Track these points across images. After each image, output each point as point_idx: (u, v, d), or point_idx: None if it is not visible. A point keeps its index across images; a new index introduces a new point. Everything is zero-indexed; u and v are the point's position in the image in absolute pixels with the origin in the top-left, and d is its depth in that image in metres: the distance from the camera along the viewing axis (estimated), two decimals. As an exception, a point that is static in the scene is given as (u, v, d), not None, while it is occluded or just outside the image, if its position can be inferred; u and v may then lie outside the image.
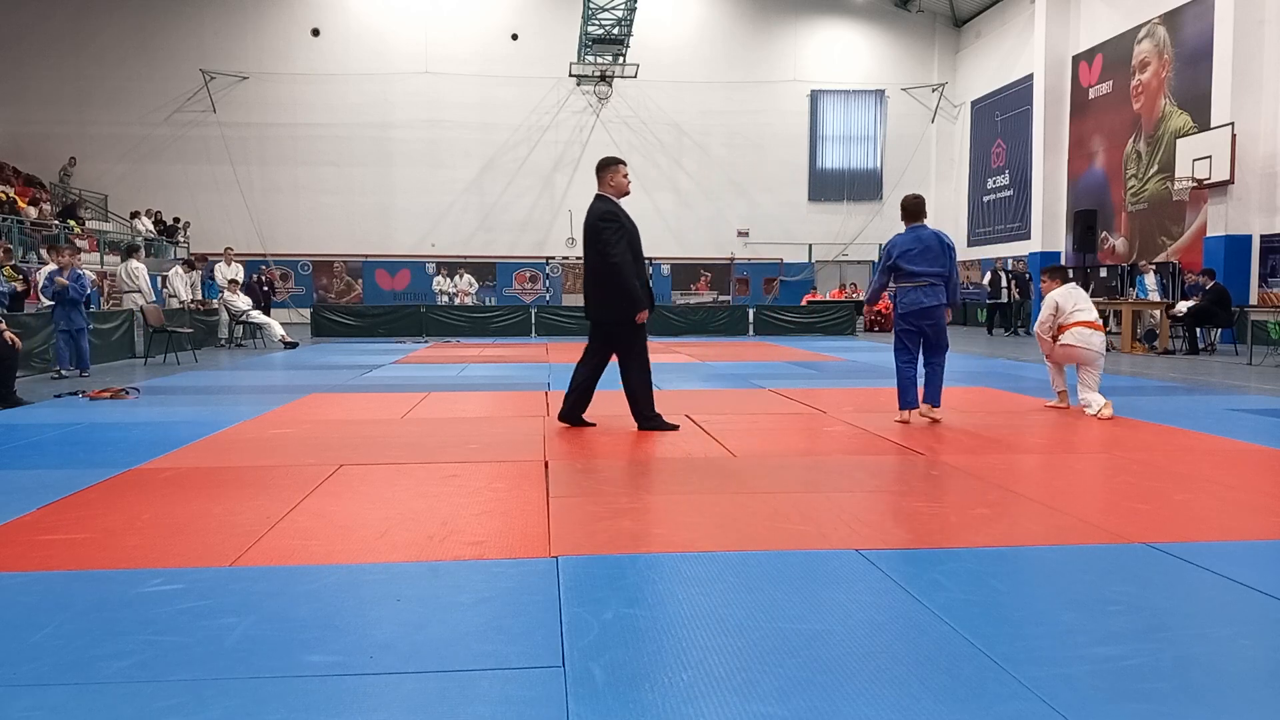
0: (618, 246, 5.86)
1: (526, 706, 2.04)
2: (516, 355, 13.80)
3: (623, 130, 27.41)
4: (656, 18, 26.47)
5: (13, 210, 18.24)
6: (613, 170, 6.07)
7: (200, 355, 13.82)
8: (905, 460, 5.04)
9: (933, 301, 6.19)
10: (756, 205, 27.75)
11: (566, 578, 2.95)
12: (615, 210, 5.97)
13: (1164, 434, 5.94)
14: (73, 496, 4.11)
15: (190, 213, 25.34)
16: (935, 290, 6.19)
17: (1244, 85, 15.84)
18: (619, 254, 5.85)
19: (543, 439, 5.76)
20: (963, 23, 28.06)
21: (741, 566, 3.10)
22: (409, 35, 26.46)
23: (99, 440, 5.80)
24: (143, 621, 2.56)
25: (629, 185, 6.14)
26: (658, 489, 4.35)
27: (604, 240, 5.89)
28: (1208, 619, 2.61)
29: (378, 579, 2.97)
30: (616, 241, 5.87)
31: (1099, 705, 2.04)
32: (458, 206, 27.01)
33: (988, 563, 3.13)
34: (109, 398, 7.99)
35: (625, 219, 5.97)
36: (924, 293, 6.18)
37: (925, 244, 6.21)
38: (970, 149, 27.65)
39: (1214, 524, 3.67)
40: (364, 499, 4.11)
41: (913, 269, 6.19)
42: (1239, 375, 10.27)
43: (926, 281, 6.18)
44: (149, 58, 25.68)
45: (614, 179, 6.06)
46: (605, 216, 5.93)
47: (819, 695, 2.10)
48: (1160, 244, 18.99)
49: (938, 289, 6.20)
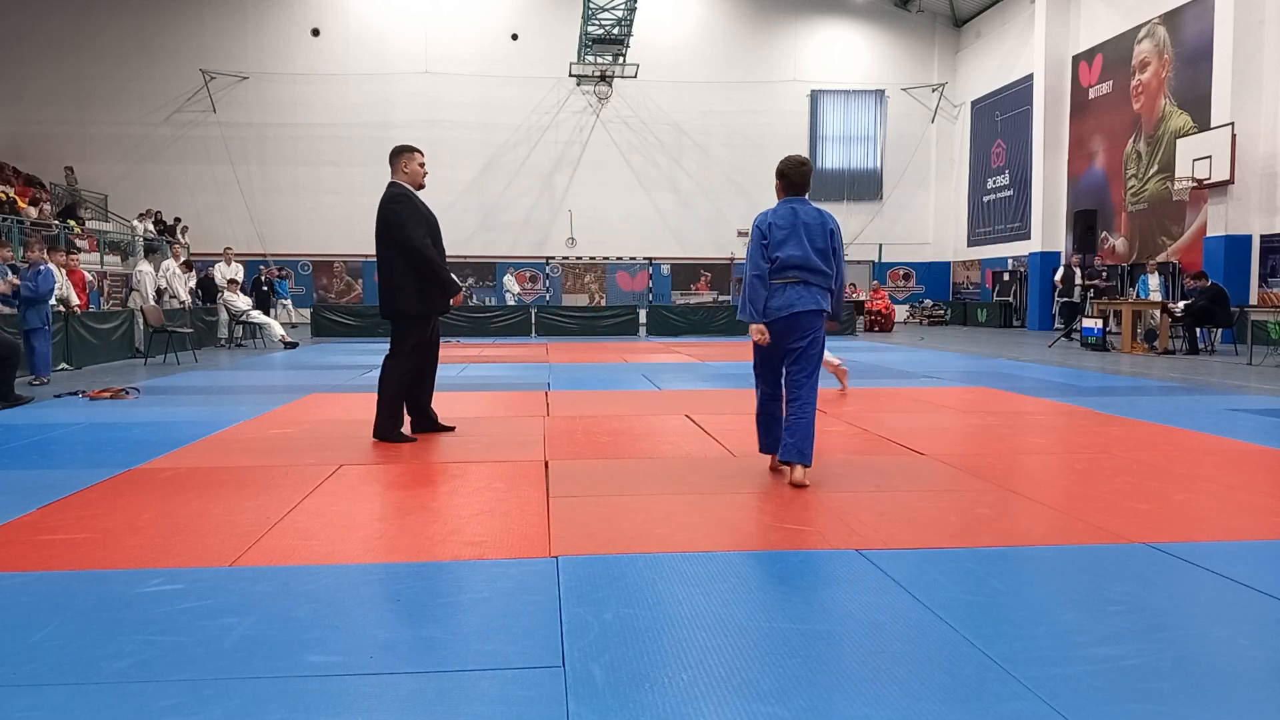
0: (416, 230, 5.43)
1: (526, 706, 2.04)
2: (516, 355, 13.80)
3: (623, 130, 27.42)
4: (656, 18, 26.48)
5: (13, 210, 18.24)
6: (407, 157, 5.65)
7: (200, 355, 13.82)
8: (905, 460, 5.04)
9: (808, 305, 4.31)
10: (756, 205, 27.67)
11: (566, 578, 2.95)
12: (405, 191, 5.56)
13: (1164, 434, 5.94)
14: (73, 496, 4.11)
15: (190, 213, 25.34)
16: (813, 293, 4.34)
17: (1244, 85, 15.85)
18: (416, 235, 5.42)
19: (543, 439, 5.76)
20: (963, 23, 28.07)
21: (741, 566, 3.10)
22: (409, 35, 26.47)
23: (99, 440, 5.80)
24: (143, 621, 2.56)
25: (424, 175, 5.71)
26: (658, 489, 4.35)
27: (397, 223, 5.44)
28: (1208, 619, 2.61)
29: (378, 579, 2.97)
30: (414, 226, 5.44)
31: (1099, 705, 2.04)
32: (458, 206, 26.99)
33: (988, 563, 3.13)
34: (109, 398, 7.99)
35: (419, 202, 5.60)
36: (797, 292, 4.32)
37: (804, 225, 4.37)
38: (970, 149, 27.66)
39: (1214, 524, 3.67)
40: (364, 499, 4.11)
41: (784, 255, 4.33)
42: (1239, 375, 10.27)
43: (800, 278, 4.32)
44: (149, 58, 25.69)
45: (408, 166, 5.64)
46: (394, 197, 5.51)
47: (819, 695, 2.09)
48: (1160, 244, 19.00)
49: (815, 291, 4.34)
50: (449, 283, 5.61)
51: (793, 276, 4.32)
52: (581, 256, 27.80)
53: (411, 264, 5.50)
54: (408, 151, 5.70)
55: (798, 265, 4.31)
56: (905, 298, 28.66)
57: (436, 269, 5.52)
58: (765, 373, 4.54)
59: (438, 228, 5.70)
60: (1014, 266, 24.99)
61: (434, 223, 5.66)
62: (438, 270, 5.53)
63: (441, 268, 5.57)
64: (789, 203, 4.46)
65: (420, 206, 5.59)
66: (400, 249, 5.49)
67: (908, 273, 29.18)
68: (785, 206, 4.45)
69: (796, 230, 4.35)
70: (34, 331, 9.50)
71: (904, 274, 29.14)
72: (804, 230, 4.35)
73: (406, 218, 5.48)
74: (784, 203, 4.48)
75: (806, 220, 4.38)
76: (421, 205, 5.62)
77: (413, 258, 5.49)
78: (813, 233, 4.36)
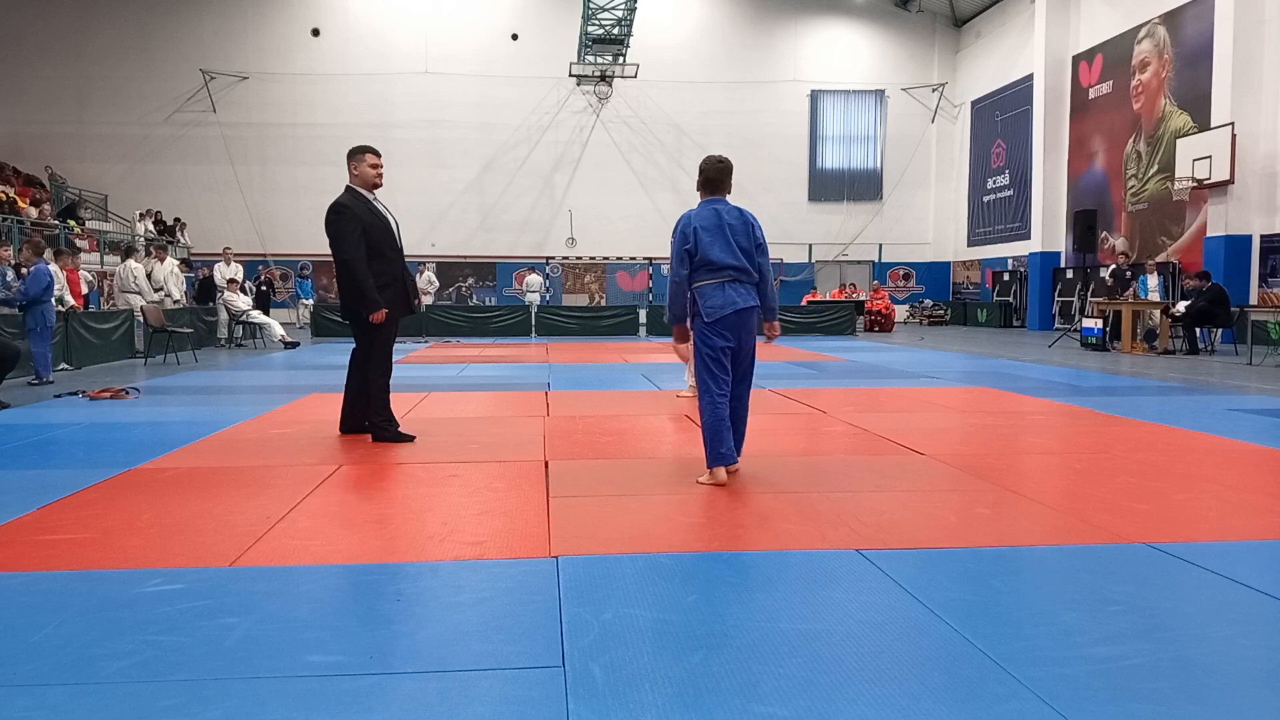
0: (349, 240, 5.49)
1: (526, 706, 2.04)
2: (516, 355, 13.80)
3: (623, 130, 27.42)
4: (656, 18, 26.47)
5: (13, 210, 18.24)
6: (359, 159, 5.65)
7: (200, 355, 13.82)
8: (905, 460, 5.04)
9: (749, 302, 4.44)
10: (756, 205, 27.48)
11: (566, 578, 2.95)
12: (345, 201, 5.58)
13: (1164, 434, 5.94)
14: (73, 496, 4.11)
15: (190, 213, 25.34)
16: (750, 290, 4.46)
17: (1244, 85, 15.84)
18: (349, 249, 5.48)
19: (543, 439, 5.76)
20: (963, 23, 28.07)
21: (741, 566, 3.10)
22: (409, 35, 26.47)
23: (99, 440, 5.80)
24: (143, 621, 2.56)
25: (377, 176, 5.68)
26: (657, 489, 4.34)
27: (334, 236, 5.54)
28: (1208, 619, 2.61)
29: (378, 579, 2.97)
30: (348, 235, 5.49)
31: (1099, 705, 2.04)
32: (458, 206, 27.02)
33: (988, 563, 3.13)
34: (109, 398, 7.99)
35: (362, 210, 5.58)
36: (736, 290, 4.42)
37: (729, 225, 4.44)
38: (970, 149, 27.66)
39: (1214, 524, 3.67)
40: (364, 499, 4.12)
41: (712, 258, 4.40)
42: (1239, 375, 10.27)
43: (732, 278, 4.42)
44: (149, 58, 25.69)
45: (359, 168, 5.64)
46: (334, 209, 5.56)
47: (819, 695, 2.09)
48: (1160, 244, 19.00)
49: (749, 289, 4.46)
50: (370, 300, 5.54)
51: (728, 275, 4.41)
52: (581, 256, 27.80)
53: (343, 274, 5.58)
54: (360, 153, 5.69)
55: (726, 266, 4.40)
56: (905, 298, 28.66)
57: (357, 283, 5.51)
58: (720, 373, 4.46)
59: (388, 229, 5.68)
60: (1014, 266, 24.99)
61: (383, 226, 5.64)
62: (360, 286, 5.51)
63: (362, 282, 5.50)
64: (711, 204, 4.52)
65: (362, 214, 5.57)
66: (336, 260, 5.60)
67: (908, 273, 29.18)
68: (708, 208, 4.50)
69: (722, 231, 4.42)
70: (30, 333, 9.55)
71: (904, 274, 29.15)
72: (729, 230, 4.42)
73: (343, 228, 5.52)
74: (706, 203, 4.53)
75: (730, 221, 4.44)
76: (366, 211, 5.60)
77: (340, 270, 5.57)
78: (736, 233, 4.44)
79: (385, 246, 5.63)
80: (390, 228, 5.71)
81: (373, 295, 5.51)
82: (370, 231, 5.55)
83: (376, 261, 5.56)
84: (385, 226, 5.66)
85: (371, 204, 5.67)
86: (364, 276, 5.49)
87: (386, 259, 5.62)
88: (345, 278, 5.58)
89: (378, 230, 5.60)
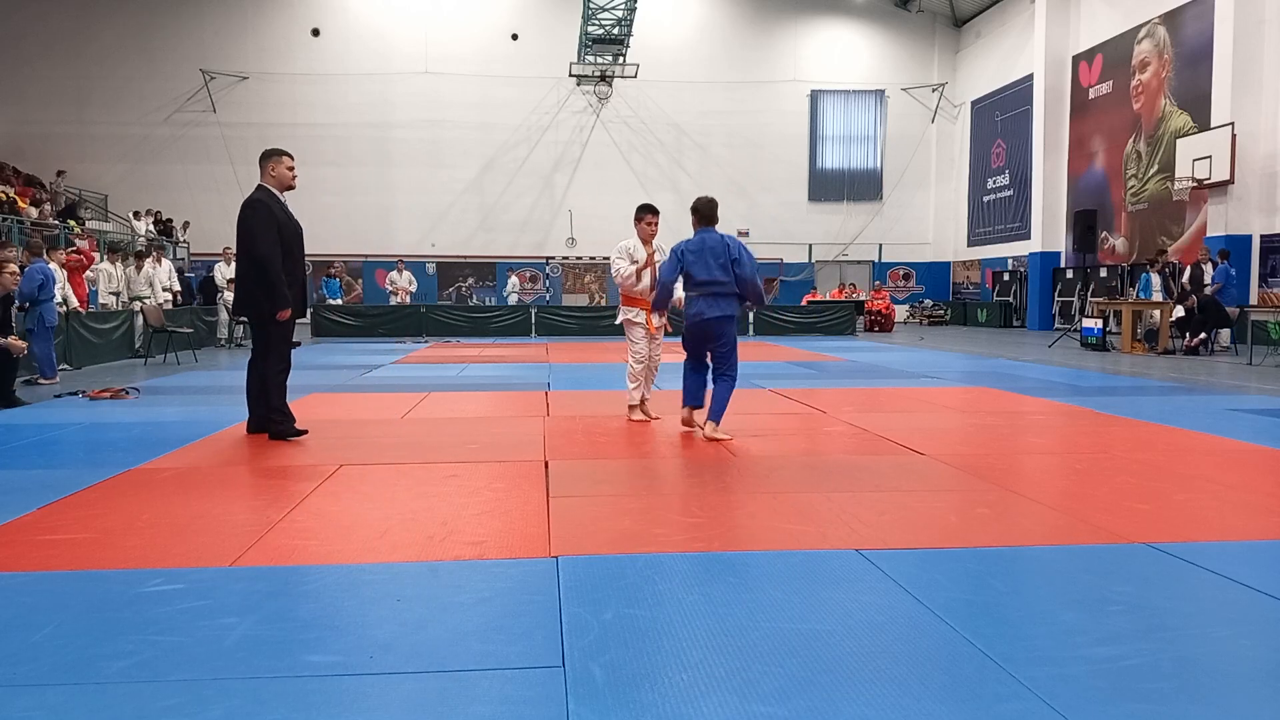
0: (265, 237, 5.56)
1: (526, 706, 2.04)
2: (516, 355, 13.79)
3: (623, 130, 27.42)
4: (656, 18, 26.46)
5: (13, 210, 18.24)
6: (275, 161, 5.77)
7: (200, 355, 13.82)
8: (905, 460, 5.04)
9: (715, 313, 5.66)
10: (756, 205, 27.72)
11: (566, 578, 2.95)
12: (261, 198, 5.66)
13: (1164, 434, 5.94)
14: (73, 496, 4.10)
15: (190, 213, 25.32)
16: (718, 301, 5.67)
17: (1244, 85, 15.84)
18: (266, 246, 5.56)
19: (543, 439, 5.76)
20: (963, 23, 28.07)
21: (741, 566, 3.10)
22: (409, 35, 26.46)
23: (99, 440, 5.80)
24: (143, 621, 2.56)
25: (293, 178, 5.81)
26: (658, 489, 4.34)
27: (246, 230, 5.59)
28: (1208, 619, 2.61)
29: (378, 579, 2.96)
30: (263, 232, 5.56)
31: (1099, 705, 2.04)
32: (458, 206, 27.01)
33: (988, 563, 3.13)
34: (109, 398, 7.99)
35: (277, 209, 5.66)
36: (706, 303, 5.68)
37: (710, 249, 5.67)
38: (970, 149, 27.66)
39: (1214, 524, 3.67)
40: (364, 499, 4.11)
41: (695, 275, 5.68)
42: (1239, 375, 10.27)
43: (708, 291, 5.67)
44: (149, 58, 25.68)
45: (275, 169, 5.76)
46: (249, 204, 5.63)
47: (819, 695, 2.09)
48: (1160, 244, 18.99)
49: (721, 299, 5.67)
50: (280, 296, 5.64)
51: (703, 290, 5.72)
52: (581, 256, 27.80)
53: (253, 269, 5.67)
54: (276, 155, 5.82)
55: (704, 282, 5.69)
56: (905, 298, 28.64)
57: (270, 278, 5.60)
58: (690, 351, 5.98)
59: (296, 232, 5.81)
60: (1014, 266, 24.99)
61: (292, 227, 5.77)
62: (272, 280, 5.61)
63: (276, 277, 5.60)
64: (700, 233, 5.81)
65: (276, 212, 5.68)
66: (248, 255, 5.67)
67: (908, 273, 29.17)
68: (697, 237, 5.81)
69: (703, 254, 5.70)
70: (30, 333, 9.53)
71: (904, 274, 29.13)
72: (709, 254, 5.70)
73: (256, 224, 5.60)
74: (698, 233, 5.83)
75: (711, 245, 5.72)
76: (279, 211, 5.71)
77: (254, 265, 5.65)
78: (716, 253, 5.69)
79: (294, 247, 5.77)
80: (296, 230, 5.83)
81: (284, 292, 5.64)
82: (283, 231, 5.68)
83: (286, 261, 5.68)
84: (296, 229, 5.81)
85: (284, 205, 5.80)
86: (278, 274, 5.61)
87: (295, 260, 5.78)
88: (257, 274, 5.65)
89: (289, 231, 5.74)
